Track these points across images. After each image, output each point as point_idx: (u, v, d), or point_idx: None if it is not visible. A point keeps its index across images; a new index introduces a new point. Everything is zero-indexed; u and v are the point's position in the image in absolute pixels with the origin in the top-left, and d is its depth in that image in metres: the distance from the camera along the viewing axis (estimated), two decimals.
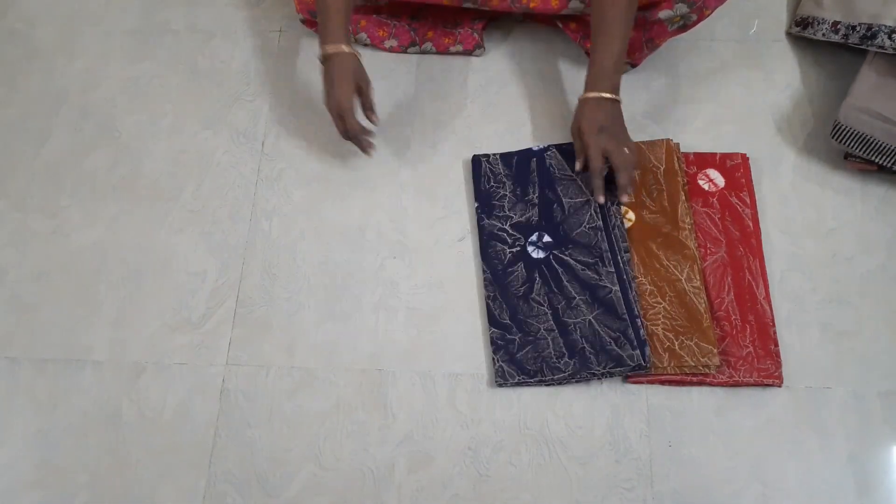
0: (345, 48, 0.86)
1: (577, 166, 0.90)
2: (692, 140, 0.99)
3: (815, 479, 0.81)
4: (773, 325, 0.86)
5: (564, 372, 0.84)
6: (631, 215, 0.93)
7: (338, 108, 0.87)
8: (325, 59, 0.87)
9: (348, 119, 0.87)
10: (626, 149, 0.86)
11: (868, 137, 0.89)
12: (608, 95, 0.85)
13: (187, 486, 0.84)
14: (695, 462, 0.83)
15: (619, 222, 0.91)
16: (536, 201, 0.94)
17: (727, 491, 0.81)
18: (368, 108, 0.91)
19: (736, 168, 0.95)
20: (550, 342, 0.86)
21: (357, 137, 0.90)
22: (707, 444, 0.83)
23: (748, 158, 0.96)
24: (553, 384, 0.86)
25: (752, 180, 0.95)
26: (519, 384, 0.86)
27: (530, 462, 0.83)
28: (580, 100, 0.88)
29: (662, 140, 0.96)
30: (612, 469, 0.83)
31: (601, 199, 0.88)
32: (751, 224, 0.92)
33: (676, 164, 0.94)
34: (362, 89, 0.89)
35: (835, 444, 0.83)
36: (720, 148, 0.98)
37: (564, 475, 0.83)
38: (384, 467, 0.84)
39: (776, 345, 0.85)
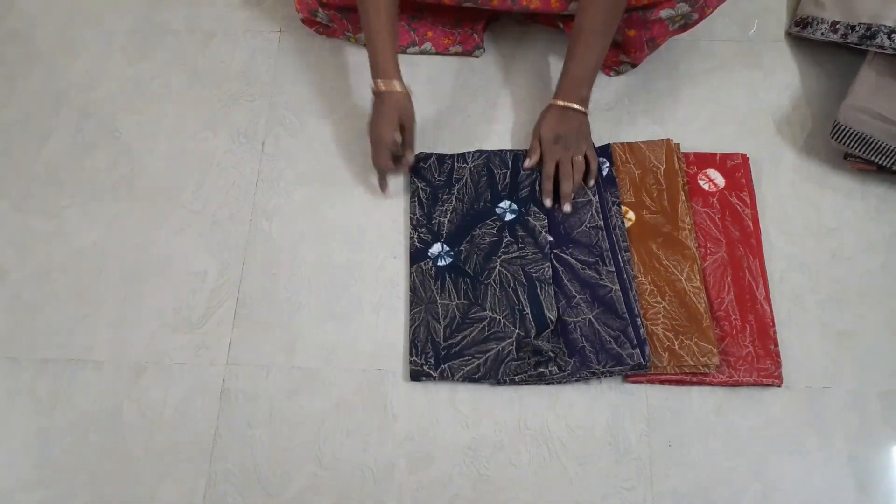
0: (397, 86, 0.88)
1: (526, 164, 0.94)
2: (692, 140, 1.00)
3: (815, 479, 0.81)
4: (773, 326, 0.86)
5: (564, 371, 0.84)
6: (631, 215, 0.93)
7: (377, 140, 0.91)
8: (377, 94, 0.90)
9: (382, 153, 0.91)
10: (580, 157, 0.91)
11: (867, 137, 0.89)
12: (575, 106, 0.88)
13: (187, 485, 0.84)
14: (695, 462, 0.83)
15: (619, 222, 0.91)
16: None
17: (727, 491, 0.81)
18: (407, 146, 0.94)
19: (736, 168, 0.95)
20: None
21: (383, 172, 0.94)
22: (707, 444, 0.83)
23: (748, 159, 0.96)
24: (553, 383, 0.86)
25: (752, 180, 0.95)
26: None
27: (530, 462, 0.83)
28: (548, 104, 0.91)
29: (662, 140, 0.96)
30: (612, 469, 0.83)
31: (548, 202, 0.92)
32: (751, 224, 0.92)
33: (677, 165, 0.94)
34: (405, 127, 0.92)
35: (835, 444, 0.83)
36: (720, 148, 0.98)
37: (564, 475, 0.83)
38: (384, 467, 0.84)
39: (776, 345, 0.85)
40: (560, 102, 0.89)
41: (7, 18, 1.17)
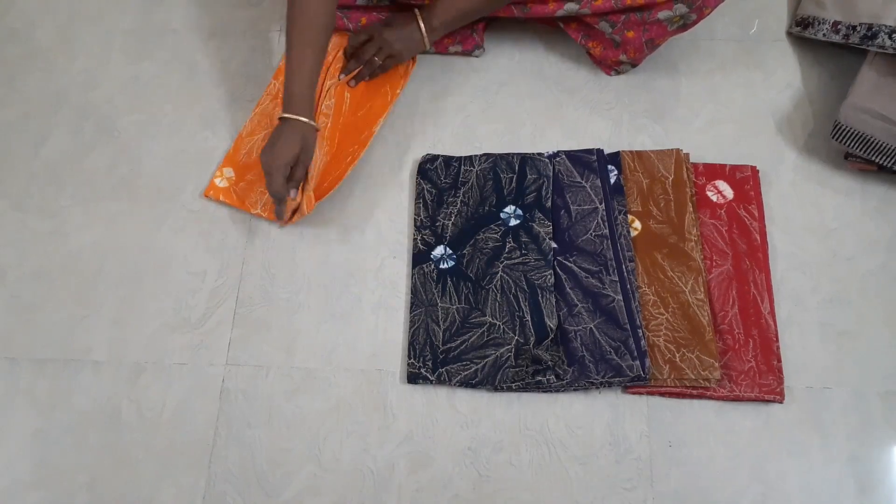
0: (307, 119, 0.86)
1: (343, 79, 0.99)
2: (692, 140, 0.99)
3: (815, 479, 0.81)
4: (777, 341, 0.85)
5: (562, 380, 0.84)
6: (637, 224, 0.92)
7: (269, 164, 0.85)
8: (282, 120, 0.86)
9: (276, 179, 0.85)
10: (380, 56, 0.97)
11: (868, 137, 0.89)
12: (425, 34, 0.97)
13: (187, 486, 0.84)
14: (695, 462, 0.83)
15: (625, 231, 0.91)
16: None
17: (727, 491, 0.81)
18: (295, 183, 0.87)
19: (745, 180, 0.94)
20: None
21: (279, 199, 0.88)
22: (707, 444, 0.83)
23: (758, 171, 0.95)
24: (551, 391, 0.85)
25: (761, 193, 0.94)
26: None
27: (530, 462, 0.83)
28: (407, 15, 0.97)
29: (672, 150, 0.95)
30: (612, 469, 0.83)
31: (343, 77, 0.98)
32: (758, 237, 0.91)
33: (685, 175, 0.93)
34: (301, 161, 0.86)
35: (835, 444, 0.83)
36: (720, 148, 0.98)
37: (564, 475, 0.83)
38: (384, 467, 0.84)
39: (779, 360, 0.85)
40: (415, 24, 0.96)
41: (6, 18, 1.17)
